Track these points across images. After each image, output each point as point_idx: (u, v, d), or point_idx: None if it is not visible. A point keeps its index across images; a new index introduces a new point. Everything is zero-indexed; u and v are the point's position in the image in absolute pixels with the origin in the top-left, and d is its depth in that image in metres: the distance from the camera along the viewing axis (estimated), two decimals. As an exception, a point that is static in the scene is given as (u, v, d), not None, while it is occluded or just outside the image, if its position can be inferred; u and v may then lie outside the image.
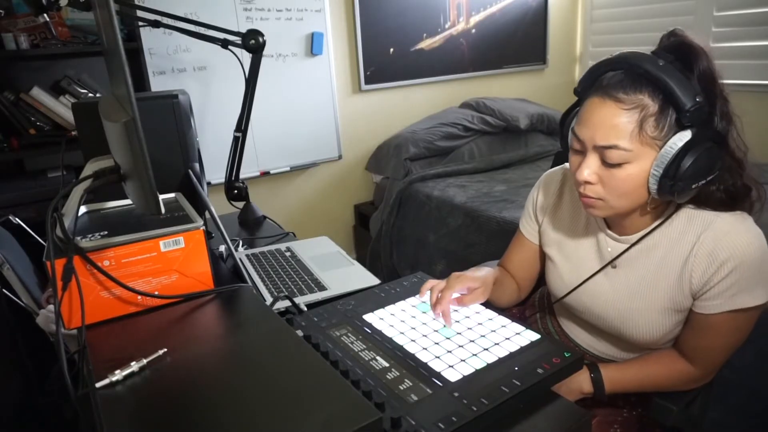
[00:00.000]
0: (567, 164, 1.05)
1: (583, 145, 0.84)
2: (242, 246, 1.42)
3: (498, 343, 0.79)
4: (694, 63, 0.78)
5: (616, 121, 0.79)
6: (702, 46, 0.79)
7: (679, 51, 0.79)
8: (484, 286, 0.96)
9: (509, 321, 0.87)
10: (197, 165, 1.21)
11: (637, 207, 0.87)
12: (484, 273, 0.99)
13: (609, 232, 0.95)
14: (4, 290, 1.14)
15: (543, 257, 1.10)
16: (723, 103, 0.80)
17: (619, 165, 0.80)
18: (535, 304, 1.23)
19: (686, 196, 0.82)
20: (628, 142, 0.78)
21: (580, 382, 0.92)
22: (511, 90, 3.47)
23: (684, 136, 0.77)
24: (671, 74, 0.76)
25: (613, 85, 0.80)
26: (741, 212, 0.85)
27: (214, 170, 2.30)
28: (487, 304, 0.95)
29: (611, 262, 0.94)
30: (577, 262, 1.00)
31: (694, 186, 0.79)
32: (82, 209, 1.00)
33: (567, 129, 0.91)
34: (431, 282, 0.95)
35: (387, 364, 0.75)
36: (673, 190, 0.79)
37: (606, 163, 0.82)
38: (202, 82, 2.43)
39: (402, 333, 0.84)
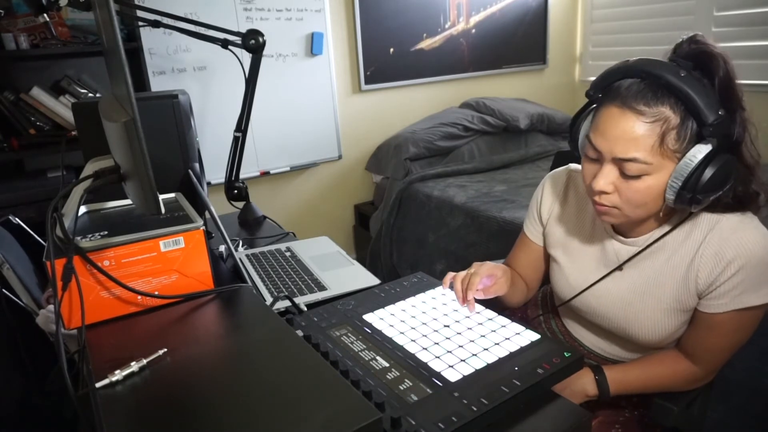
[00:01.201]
0: (571, 165, 1.04)
1: (600, 155, 0.82)
2: (242, 246, 1.42)
3: (498, 343, 0.79)
4: (714, 72, 0.76)
5: (637, 133, 0.77)
6: (722, 53, 0.77)
7: (698, 59, 0.77)
8: (505, 276, 0.96)
9: (509, 321, 0.86)
10: (197, 165, 1.21)
11: (651, 215, 0.86)
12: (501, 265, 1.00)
13: (616, 235, 0.95)
14: (4, 290, 1.14)
15: (548, 258, 1.10)
16: (740, 111, 0.79)
17: (637, 177, 0.79)
18: (537, 304, 1.22)
19: (702, 206, 0.81)
20: (648, 155, 0.77)
21: (584, 384, 0.92)
22: (511, 90, 3.47)
23: (704, 149, 0.76)
24: (694, 86, 0.74)
25: (633, 95, 0.77)
26: (747, 212, 0.84)
27: (214, 170, 2.31)
28: (488, 304, 0.94)
29: (621, 266, 0.94)
30: (582, 264, 1.00)
31: (711, 197, 0.78)
32: (82, 209, 1.00)
33: (577, 131, 0.90)
34: (452, 273, 0.96)
35: (387, 364, 0.75)
36: (691, 202, 0.78)
37: (624, 175, 0.80)
38: (202, 82, 2.43)
39: (402, 333, 0.84)
